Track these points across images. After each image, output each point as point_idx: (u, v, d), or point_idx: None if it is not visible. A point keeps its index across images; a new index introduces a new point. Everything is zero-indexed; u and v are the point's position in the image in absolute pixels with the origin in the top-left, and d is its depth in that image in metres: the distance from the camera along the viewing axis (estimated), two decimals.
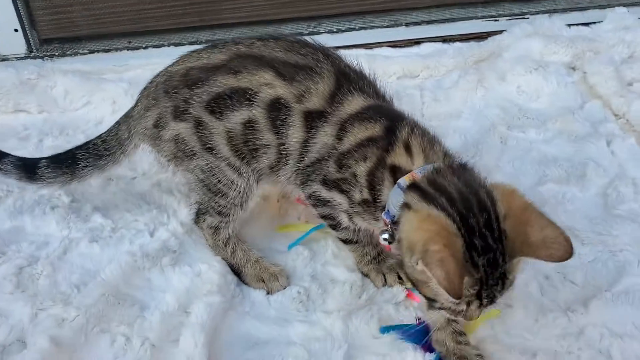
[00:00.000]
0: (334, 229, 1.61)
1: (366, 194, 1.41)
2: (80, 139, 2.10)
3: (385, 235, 1.35)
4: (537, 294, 1.57)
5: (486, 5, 2.76)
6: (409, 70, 2.43)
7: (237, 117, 1.50)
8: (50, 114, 2.24)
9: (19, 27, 2.46)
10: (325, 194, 1.50)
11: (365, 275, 1.65)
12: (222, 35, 2.59)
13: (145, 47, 2.56)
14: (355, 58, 2.39)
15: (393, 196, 1.32)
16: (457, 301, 1.18)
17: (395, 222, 1.32)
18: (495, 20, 2.72)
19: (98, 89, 2.25)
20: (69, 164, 1.70)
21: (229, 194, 1.59)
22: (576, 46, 2.46)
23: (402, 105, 2.20)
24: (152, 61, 2.43)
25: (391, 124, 1.40)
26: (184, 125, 1.55)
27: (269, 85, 1.47)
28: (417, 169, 1.32)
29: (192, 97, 1.52)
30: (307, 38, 1.58)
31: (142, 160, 1.93)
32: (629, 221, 1.74)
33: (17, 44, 2.50)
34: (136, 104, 1.68)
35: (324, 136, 1.46)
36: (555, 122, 2.16)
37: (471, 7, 2.75)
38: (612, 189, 1.88)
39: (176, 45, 2.54)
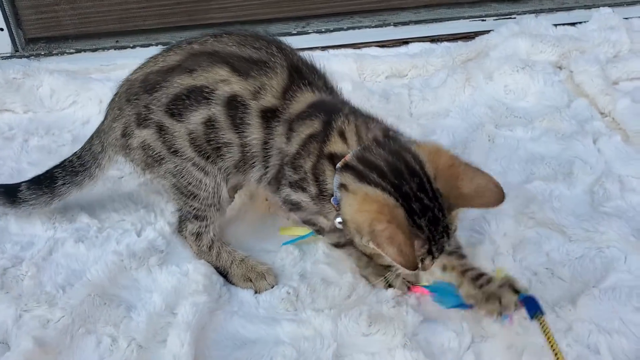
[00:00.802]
0: (320, 233, 1.61)
1: (314, 188, 1.44)
2: (66, 139, 2.10)
3: (339, 219, 1.37)
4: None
5: (473, 5, 2.77)
6: (397, 70, 2.43)
7: (197, 117, 1.49)
8: (36, 114, 2.22)
9: (4, 27, 2.45)
10: (294, 196, 1.51)
11: (366, 278, 1.62)
12: None
13: (133, 47, 2.54)
14: (344, 57, 2.44)
15: (335, 181, 1.36)
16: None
17: None
18: (483, 20, 2.73)
19: (84, 88, 2.23)
20: (47, 183, 1.69)
21: (199, 194, 1.58)
22: (562, 45, 2.47)
23: (391, 104, 2.25)
24: (140, 61, 2.39)
25: (328, 118, 1.43)
26: (148, 132, 1.54)
27: (225, 82, 1.46)
28: (351, 151, 1.37)
29: (151, 102, 1.51)
30: (260, 30, 1.58)
31: (113, 160, 1.89)
32: (616, 218, 1.75)
33: (3, 44, 2.48)
34: (105, 117, 1.67)
35: (279, 138, 1.47)
36: (542, 121, 2.17)
37: (458, 7, 2.76)
38: (598, 186, 1.88)
39: (164, 44, 2.51)
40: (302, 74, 1.50)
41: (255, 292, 1.61)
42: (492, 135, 2.13)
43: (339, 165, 1.37)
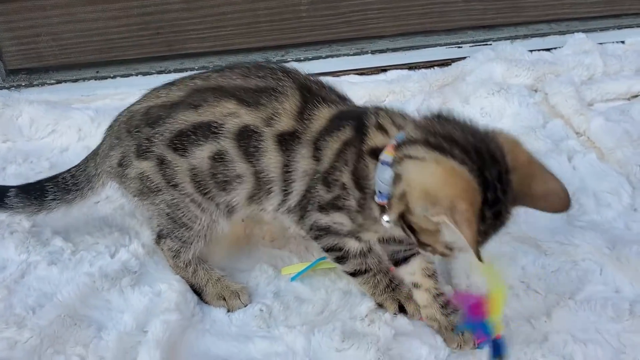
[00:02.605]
0: (341, 261, 1.55)
1: (356, 193, 1.39)
2: (44, 166, 2.09)
3: (387, 217, 1.32)
4: None
5: (449, 32, 2.82)
6: (375, 96, 2.46)
7: (203, 152, 1.47)
8: (14, 143, 2.22)
9: None
10: (324, 219, 1.46)
11: (380, 305, 1.59)
12: (189, 64, 2.62)
13: (113, 77, 2.57)
14: None
15: (379, 174, 1.31)
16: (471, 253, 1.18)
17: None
18: (459, 47, 2.78)
19: (64, 117, 2.24)
20: (37, 195, 1.68)
21: (193, 227, 1.57)
22: (537, 69, 2.52)
23: None
24: (120, 90, 2.46)
25: (358, 121, 1.40)
26: (148, 164, 1.52)
27: (233, 115, 1.44)
28: (393, 139, 1.32)
29: (154, 136, 1.50)
30: (261, 61, 1.59)
31: (106, 185, 1.90)
32: (591, 231, 1.76)
33: None
34: (102, 142, 1.67)
35: (303, 160, 1.43)
36: None
37: (435, 35, 2.81)
38: (574, 201, 1.89)
39: (144, 74, 2.56)
40: (313, 91, 1.47)
41: (228, 311, 1.60)
42: None
43: (385, 157, 1.30)
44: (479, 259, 1.16)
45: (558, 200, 1.25)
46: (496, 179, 1.19)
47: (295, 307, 1.58)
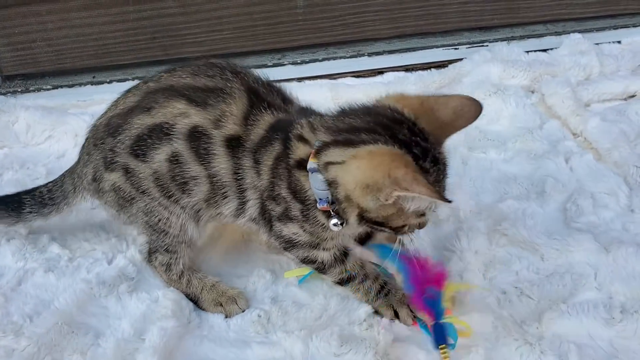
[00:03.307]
0: (322, 272, 1.58)
1: (298, 205, 1.42)
2: (41, 172, 2.09)
3: (334, 220, 1.36)
4: (495, 306, 1.57)
5: (445, 34, 2.82)
6: (372, 98, 2.45)
7: (160, 155, 1.48)
8: (11, 149, 2.22)
9: None
10: (285, 230, 1.49)
11: (376, 311, 1.59)
12: None
13: (110, 82, 2.57)
14: (319, 87, 2.47)
15: (312, 181, 1.34)
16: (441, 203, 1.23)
17: (333, 203, 1.34)
18: (455, 48, 2.78)
19: (60, 123, 2.24)
20: (15, 207, 1.70)
21: (169, 232, 1.58)
22: (534, 70, 2.51)
23: None
24: (117, 95, 2.44)
25: (285, 134, 1.42)
26: (116, 175, 1.54)
27: (183, 115, 1.45)
28: (313, 146, 1.35)
29: (116, 145, 1.51)
30: (216, 60, 1.57)
31: (85, 200, 1.90)
32: (588, 234, 1.75)
33: None
34: (78, 161, 1.68)
35: (248, 171, 1.45)
36: (515, 142, 2.20)
37: (431, 37, 2.81)
38: (571, 203, 1.89)
39: (141, 79, 2.47)
40: (260, 95, 1.48)
41: (226, 317, 1.60)
42: (465, 158, 2.14)
43: (311, 164, 1.33)
44: (446, 200, 1.20)
45: (470, 109, 1.31)
46: (410, 134, 1.26)
47: (294, 312, 1.58)
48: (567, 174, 2.03)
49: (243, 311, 1.60)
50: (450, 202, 1.21)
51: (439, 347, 1.41)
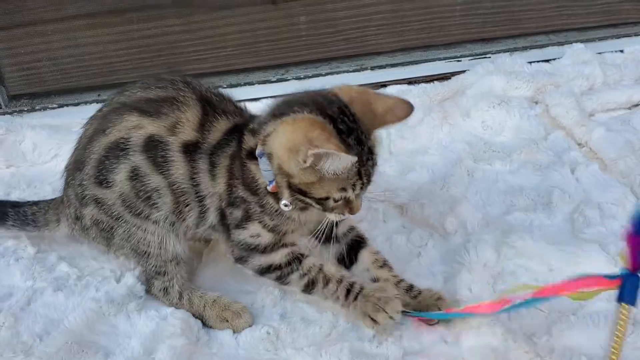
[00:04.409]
0: (283, 281, 1.59)
1: (253, 197, 1.48)
2: (47, 191, 2.10)
3: (284, 201, 1.43)
4: (504, 318, 1.56)
5: (448, 46, 2.83)
6: None
7: (120, 175, 1.50)
8: (18, 168, 2.23)
9: None
10: (244, 234, 1.53)
11: (357, 322, 1.56)
12: None
13: None
14: None
15: (261, 166, 1.42)
16: (351, 166, 1.31)
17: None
18: (458, 60, 2.79)
19: (66, 141, 2.23)
20: (0, 216, 1.75)
21: (151, 252, 1.60)
22: (537, 81, 2.52)
23: None
24: None
25: (240, 133, 1.49)
26: (90, 208, 1.58)
27: (137, 127, 1.48)
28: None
29: (83, 179, 1.55)
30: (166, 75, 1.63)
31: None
32: (596, 245, 1.74)
33: None
34: (62, 201, 1.71)
35: (203, 175, 1.49)
36: (520, 154, 2.20)
37: (434, 49, 2.82)
38: (578, 214, 1.89)
39: None
40: (214, 103, 1.53)
41: (234, 332, 1.59)
42: (471, 169, 2.15)
43: (258, 150, 1.41)
44: (350, 154, 1.28)
45: (402, 108, 1.39)
46: (339, 113, 1.34)
47: (302, 329, 1.57)
48: (574, 184, 2.03)
49: (250, 325, 1.60)
50: (355, 157, 1.29)
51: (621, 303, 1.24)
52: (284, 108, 1.40)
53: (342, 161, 1.29)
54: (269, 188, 1.43)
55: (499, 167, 2.15)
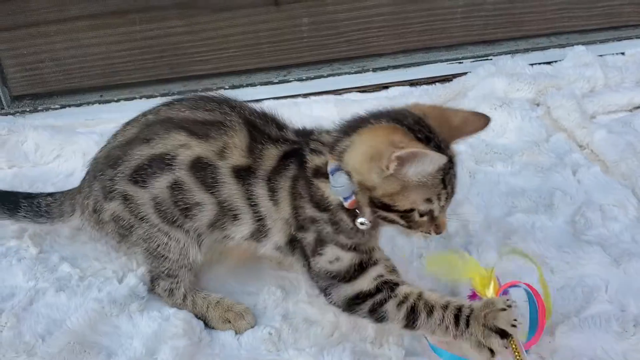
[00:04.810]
0: (378, 314, 1.42)
1: (324, 215, 1.42)
2: (50, 191, 2.10)
3: (361, 219, 1.36)
4: None
5: (450, 48, 2.83)
6: None
7: (161, 183, 1.51)
8: (20, 169, 2.23)
9: None
10: (323, 260, 1.45)
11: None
12: (193, 86, 2.63)
13: (117, 100, 2.58)
14: (324, 103, 2.49)
15: (333, 183, 1.35)
16: (439, 169, 1.26)
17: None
18: (460, 62, 2.79)
19: (69, 142, 2.25)
20: (11, 207, 1.75)
21: (169, 257, 1.60)
22: (539, 83, 2.53)
23: None
24: (124, 114, 2.40)
25: (299, 156, 1.45)
26: (115, 204, 1.57)
27: (185, 146, 1.48)
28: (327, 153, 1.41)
29: (115, 175, 1.55)
30: (212, 93, 1.62)
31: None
32: (598, 246, 1.75)
33: None
34: (80, 191, 1.71)
35: (263, 200, 1.47)
36: (521, 155, 2.20)
37: (435, 51, 2.82)
38: (579, 215, 1.89)
39: (148, 97, 2.57)
40: (259, 127, 1.51)
41: (236, 333, 1.59)
42: (473, 171, 2.15)
43: (331, 165, 1.36)
44: (443, 154, 1.24)
45: (478, 119, 1.39)
46: (415, 124, 1.31)
47: (304, 330, 1.58)
48: (575, 186, 2.04)
49: (252, 326, 1.60)
50: (446, 156, 1.24)
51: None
52: (358, 123, 1.37)
53: (431, 162, 1.23)
54: (346, 204, 1.35)
55: (501, 169, 2.16)
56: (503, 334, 1.32)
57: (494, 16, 2.80)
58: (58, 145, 2.25)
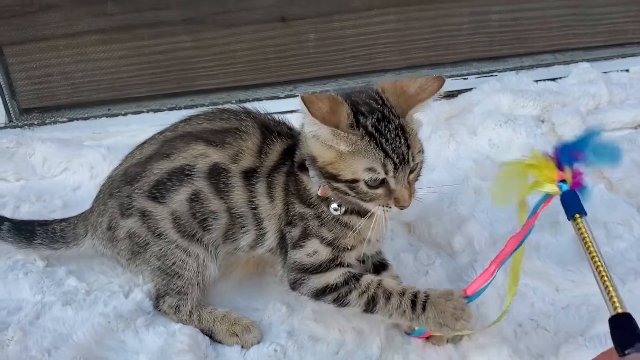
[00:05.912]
0: (342, 302, 1.51)
1: (310, 211, 1.49)
2: (57, 205, 2.12)
3: (334, 205, 1.46)
4: (511, 338, 1.56)
5: (455, 64, 2.85)
6: None
7: (180, 196, 1.54)
8: (28, 181, 2.25)
9: None
10: (300, 253, 1.52)
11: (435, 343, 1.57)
12: (200, 100, 2.65)
13: (125, 114, 2.60)
14: None
15: (311, 172, 1.44)
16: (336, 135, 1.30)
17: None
18: (465, 78, 2.80)
19: (76, 155, 2.27)
20: (27, 236, 1.76)
21: (184, 274, 1.61)
22: (543, 100, 2.53)
23: None
24: (131, 127, 2.49)
25: (293, 153, 1.51)
26: (132, 220, 1.59)
27: (203, 155, 1.52)
28: None
29: (133, 192, 1.57)
30: (228, 105, 1.67)
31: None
32: None
33: None
34: (92, 210, 1.72)
35: (262, 197, 1.52)
36: None
37: (440, 67, 2.84)
38: None
39: (155, 111, 2.60)
40: (271, 128, 1.57)
41: (242, 347, 1.60)
42: (478, 188, 2.15)
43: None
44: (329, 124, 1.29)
45: (432, 83, 1.40)
46: (365, 98, 1.37)
47: (310, 347, 1.58)
48: None
49: (258, 341, 1.61)
50: (329, 127, 1.28)
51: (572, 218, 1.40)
52: None
53: (312, 122, 1.29)
54: (319, 192, 1.45)
55: None
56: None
57: (499, 33, 2.82)
58: (65, 158, 2.27)
